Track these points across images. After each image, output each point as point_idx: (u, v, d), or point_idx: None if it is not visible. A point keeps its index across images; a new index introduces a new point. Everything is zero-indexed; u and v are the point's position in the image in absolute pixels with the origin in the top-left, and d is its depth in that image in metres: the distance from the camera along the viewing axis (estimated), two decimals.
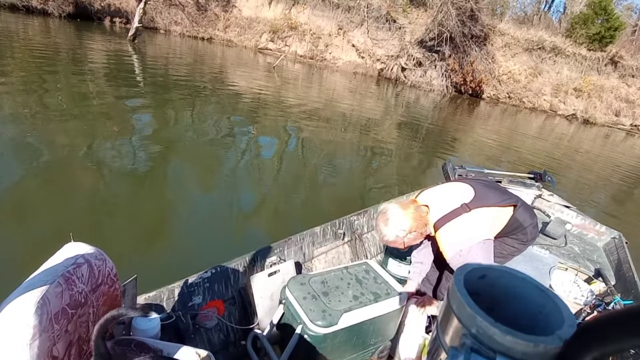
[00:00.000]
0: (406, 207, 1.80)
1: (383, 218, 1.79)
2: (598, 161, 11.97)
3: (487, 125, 14.40)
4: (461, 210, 1.76)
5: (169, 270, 2.35)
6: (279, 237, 2.43)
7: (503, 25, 23.59)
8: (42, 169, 4.29)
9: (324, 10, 21.80)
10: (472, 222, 1.76)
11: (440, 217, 1.78)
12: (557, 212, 3.88)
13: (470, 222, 1.75)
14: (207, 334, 1.91)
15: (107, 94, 7.58)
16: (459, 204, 1.78)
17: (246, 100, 9.60)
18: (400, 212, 1.77)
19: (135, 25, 14.31)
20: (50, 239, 3.08)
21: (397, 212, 1.77)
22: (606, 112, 21.71)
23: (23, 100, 6.20)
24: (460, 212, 1.76)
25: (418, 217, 1.78)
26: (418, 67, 20.48)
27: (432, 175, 7.04)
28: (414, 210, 1.79)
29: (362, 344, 1.86)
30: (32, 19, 15.23)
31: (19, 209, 3.53)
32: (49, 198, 3.78)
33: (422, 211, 1.82)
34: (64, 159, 4.59)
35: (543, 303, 0.79)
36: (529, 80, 22.22)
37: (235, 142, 6.49)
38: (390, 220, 1.77)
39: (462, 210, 1.76)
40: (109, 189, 4.24)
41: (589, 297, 2.57)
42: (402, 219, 1.76)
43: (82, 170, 4.47)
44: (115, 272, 1.34)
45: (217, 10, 21.13)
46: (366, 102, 13.36)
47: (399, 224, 1.76)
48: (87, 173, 4.43)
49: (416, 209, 1.81)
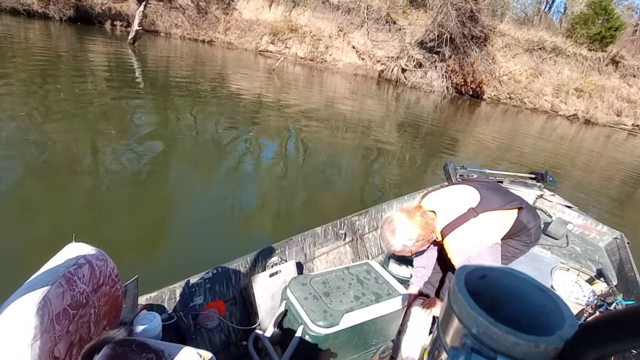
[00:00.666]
0: (412, 214, 1.77)
1: (389, 227, 1.76)
2: (600, 161, 11.98)
3: (488, 126, 14.39)
4: (469, 215, 1.73)
5: (170, 271, 2.35)
6: (280, 238, 2.43)
7: (503, 26, 23.63)
8: (43, 169, 4.31)
9: (324, 12, 21.84)
10: (481, 227, 1.73)
11: (447, 223, 1.75)
12: (559, 213, 3.88)
13: (479, 227, 1.73)
14: (208, 334, 1.91)
15: (106, 96, 7.59)
16: (465, 208, 1.75)
17: (246, 102, 9.60)
18: (407, 221, 1.74)
19: (135, 28, 14.33)
20: (52, 239, 3.09)
21: (404, 221, 1.74)
22: (607, 112, 21.70)
23: (23, 101, 6.23)
24: (468, 217, 1.73)
25: (425, 224, 1.75)
26: (418, 68, 20.48)
27: (433, 175, 7.04)
28: (421, 218, 1.76)
29: (364, 344, 1.86)
30: (33, 23, 15.28)
31: (21, 209, 3.53)
32: (51, 199, 3.79)
33: (429, 217, 1.79)
34: (65, 160, 4.61)
35: (544, 303, 0.78)
36: (530, 80, 22.22)
37: (236, 143, 6.50)
38: (397, 230, 1.73)
39: (469, 215, 1.73)
40: (110, 189, 4.25)
41: (590, 297, 2.55)
42: (409, 228, 1.73)
43: (82, 170, 4.49)
44: (117, 272, 1.33)
45: (217, 13, 21.17)
46: (367, 103, 13.38)
47: (406, 234, 1.73)
48: (88, 174, 4.46)
49: (422, 215, 1.78)
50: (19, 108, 5.89)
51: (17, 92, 6.68)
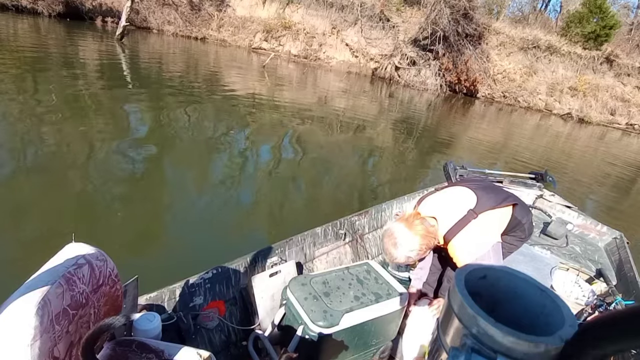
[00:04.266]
0: (412, 224, 1.74)
1: (391, 241, 1.73)
2: (597, 160, 12.01)
3: (482, 125, 14.42)
4: (469, 218, 1.73)
5: (170, 271, 2.34)
6: (280, 238, 2.43)
7: (498, 24, 23.61)
8: (41, 169, 4.29)
9: (317, 9, 21.77)
10: (482, 228, 1.74)
11: (449, 228, 1.74)
12: (559, 213, 3.91)
13: (480, 228, 1.73)
14: (208, 334, 1.91)
15: (89, 94, 7.49)
16: (465, 211, 1.75)
17: (239, 100, 9.56)
18: (408, 233, 1.72)
19: (123, 24, 14.25)
20: (51, 239, 3.08)
21: (405, 233, 1.72)
22: (601, 111, 21.75)
23: (13, 99, 6.19)
24: (468, 219, 1.73)
25: (426, 233, 1.74)
26: (412, 66, 20.40)
27: (428, 173, 7.08)
28: (421, 226, 1.74)
29: (364, 344, 1.86)
30: (22, 19, 15.13)
31: (20, 210, 3.52)
32: (50, 199, 3.77)
33: (429, 224, 1.78)
34: (64, 161, 4.59)
35: (544, 303, 0.79)
36: (524, 79, 22.26)
37: (230, 143, 6.49)
38: (399, 243, 1.71)
39: (470, 217, 1.73)
40: (110, 190, 4.22)
41: (590, 297, 2.56)
42: (411, 240, 1.71)
43: (82, 171, 4.47)
44: (117, 272, 1.33)
45: (210, 10, 21.04)
46: (361, 102, 13.36)
47: (408, 245, 1.71)
48: (87, 174, 4.43)
49: (422, 223, 1.76)
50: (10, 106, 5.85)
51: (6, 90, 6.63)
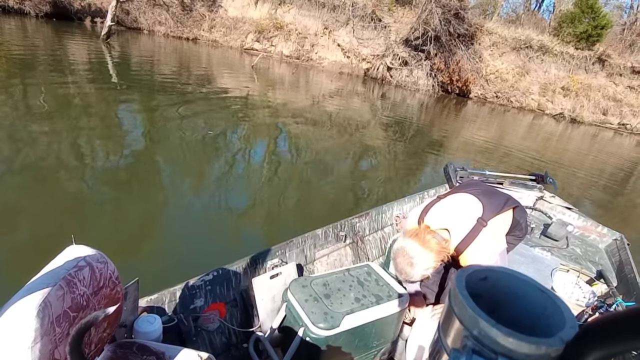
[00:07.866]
0: (424, 240, 1.70)
1: (406, 260, 1.70)
2: (592, 161, 12.06)
3: (474, 125, 14.47)
4: (479, 227, 1.73)
5: (171, 273, 2.35)
6: (280, 240, 2.42)
7: (491, 24, 23.66)
8: (39, 171, 4.28)
9: (309, 9, 21.76)
10: (493, 236, 1.74)
11: (462, 239, 1.74)
12: (559, 214, 3.92)
13: (491, 236, 1.73)
14: (209, 336, 1.91)
15: (69, 94, 7.45)
16: (474, 220, 1.75)
17: (231, 101, 9.54)
18: (422, 250, 1.68)
19: (108, 24, 14.16)
20: (51, 241, 3.06)
21: (419, 251, 1.68)
22: (594, 111, 21.86)
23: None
24: (479, 228, 1.73)
25: (440, 248, 1.71)
26: (404, 67, 20.41)
27: (424, 173, 7.16)
28: (434, 240, 1.71)
29: (364, 346, 1.86)
30: (9, 19, 14.98)
31: (19, 212, 3.50)
32: (49, 202, 3.75)
33: (442, 238, 1.75)
34: (61, 161, 4.58)
35: (545, 304, 0.79)
36: (517, 79, 22.34)
37: (231, 146, 6.50)
38: (415, 263, 1.68)
39: (480, 226, 1.73)
40: (109, 192, 4.22)
41: (590, 298, 2.58)
42: (427, 258, 1.68)
43: (81, 172, 4.46)
44: (117, 274, 1.32)
45: (202, 10, 20.94)
46: (354, 103, 13.36)
47: (424, 264, 1.69)
48: (86, 175, 4.42)
49: (434, 237, 1.73)
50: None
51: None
